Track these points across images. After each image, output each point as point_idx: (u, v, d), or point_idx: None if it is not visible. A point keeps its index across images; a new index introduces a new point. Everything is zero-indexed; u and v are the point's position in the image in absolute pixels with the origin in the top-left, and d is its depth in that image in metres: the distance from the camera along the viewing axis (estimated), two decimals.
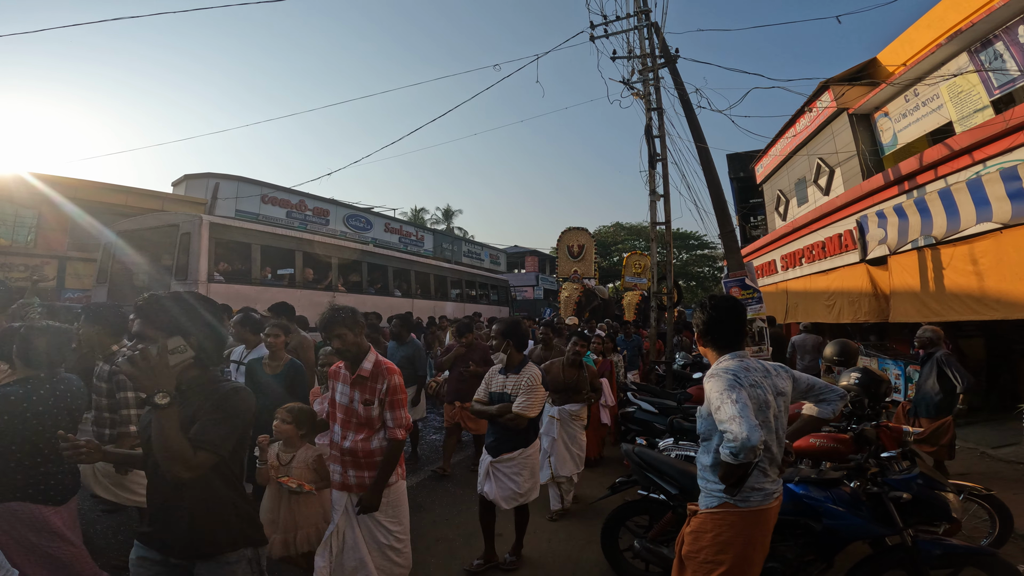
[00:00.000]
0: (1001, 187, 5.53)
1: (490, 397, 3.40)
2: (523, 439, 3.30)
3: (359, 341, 2.68)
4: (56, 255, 13.45)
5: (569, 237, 19.63)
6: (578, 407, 4.60)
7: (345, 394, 2.67)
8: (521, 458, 3.28)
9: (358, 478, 2.60)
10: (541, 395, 3.22)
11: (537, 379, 3.23)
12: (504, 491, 3.27)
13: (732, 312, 2.18)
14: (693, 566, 2.09)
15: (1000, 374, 8.16)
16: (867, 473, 2.70)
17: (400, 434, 2.59)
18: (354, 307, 2.75)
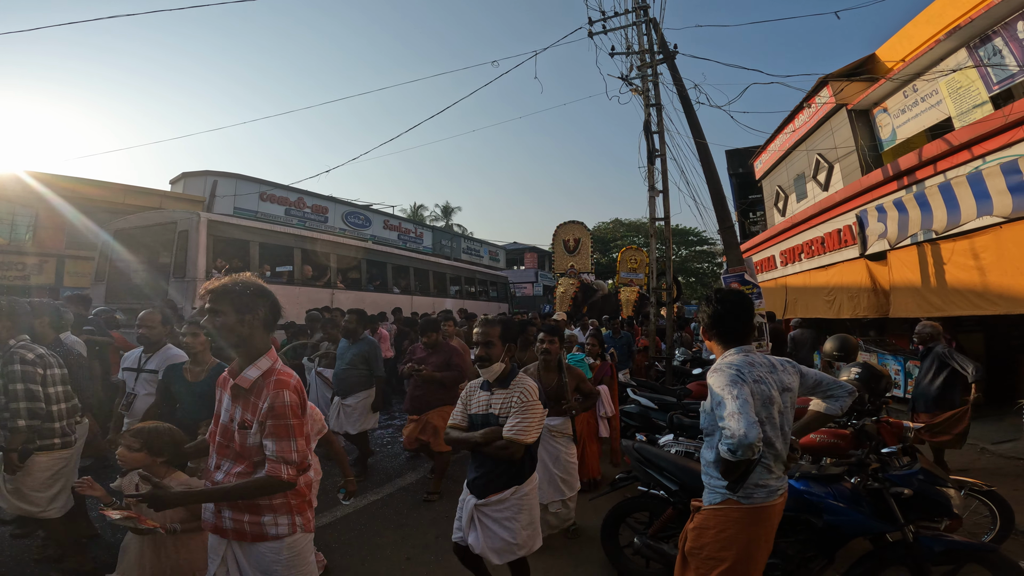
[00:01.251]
0: (1002, 180, 5.52)
1: (470, 421, 2.58)
2: (518, 473, 2.49)
3: (246, 332, 1.90)
4: (53, 254, 13.41)
5: (564, 231, 19.05)
6: (559, 420, 3.79)
7: (227, 410, 1.96)
8: (515, 498, 2.46)
9: (235, 521, 1.86)
10: (539, 413, 2.47)
11: (533, 393, 2.47)
12: (495, 542, 2.45)
13: (738, 306, 2.16)
14: (696, 562, 2.08)
15: (999, 369, 8.17)
16: (868, 469, 2.70)
17: (284, 472, 1.79)
18: (268, 290, 2.01)
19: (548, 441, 3.75)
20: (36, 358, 2.98)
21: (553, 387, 3.78)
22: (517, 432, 2.39)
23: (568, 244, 18.79)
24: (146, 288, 8.54)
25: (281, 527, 1.87)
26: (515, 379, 2.56)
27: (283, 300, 7.47)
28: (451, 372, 4.74)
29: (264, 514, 1.86)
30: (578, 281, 16.63)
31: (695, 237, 35.25)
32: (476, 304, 16.21)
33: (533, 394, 2.49)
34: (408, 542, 3.74)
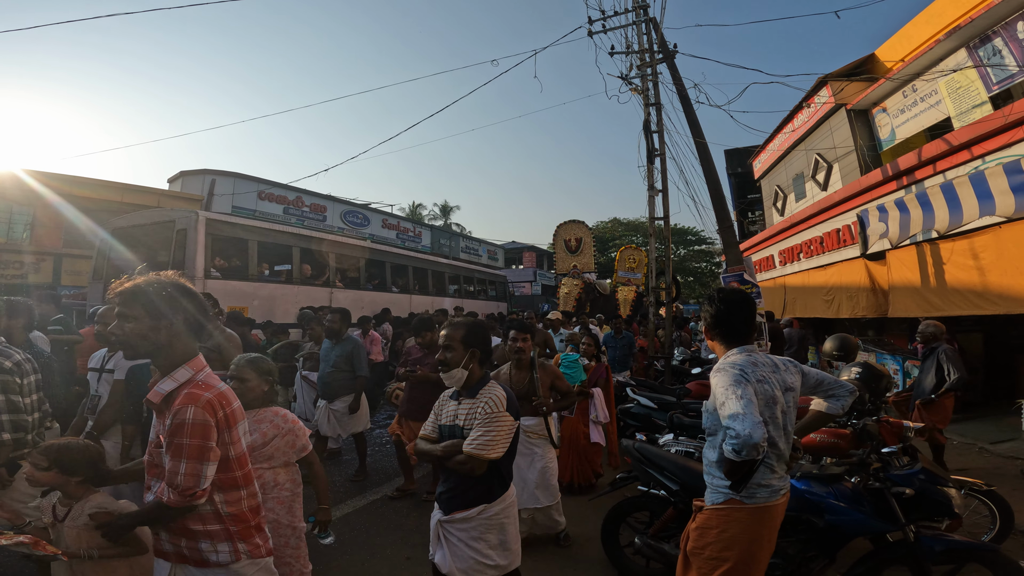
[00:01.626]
0: (1004, 180, 5.52)
1: (439, 432, 2.35)
2: (485, 491, 2.20)
3: (163, 340, 1.69)
4: (51, 252, 13.38)
5: (565, 231, 18.80)
6: (533, 421, 3.56)
7: (155, 426, 1.79)
8: (482, 518, 2.18)
9: (174, 545, 1.73)
10: (506, 426, 2.15)
11: (500, 403, 2.17)
12: (463, 561, 2.20)
13: (741, 305, 2.15)
14: (698, 562, 2.07)
15: (998, 369, 8.19)
16: (869, 468, 2.70)
17: (166, 496, 1.60)
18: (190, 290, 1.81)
19: (522, 444, 3.44)
20: (13, 366, 2.80)
21: (524, 386, 3.56)
22: (477, 447, 2.10)
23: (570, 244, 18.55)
24: None
25: (222, 554, 1.72)
26: (484, 387, 2.26)
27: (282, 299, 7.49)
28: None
29: (200, 540, 1.71)
30: (582, 281, 16.57)
31: (694, 236, 35.27)
32: (475, 303, 16.19)
33: (499, 405, 2.16)
34: (408, 541, 3.74)
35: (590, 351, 5.33)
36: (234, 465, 1.76)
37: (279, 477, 2.56)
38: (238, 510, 1.77)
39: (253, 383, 2.52)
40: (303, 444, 2.60)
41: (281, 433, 2.52)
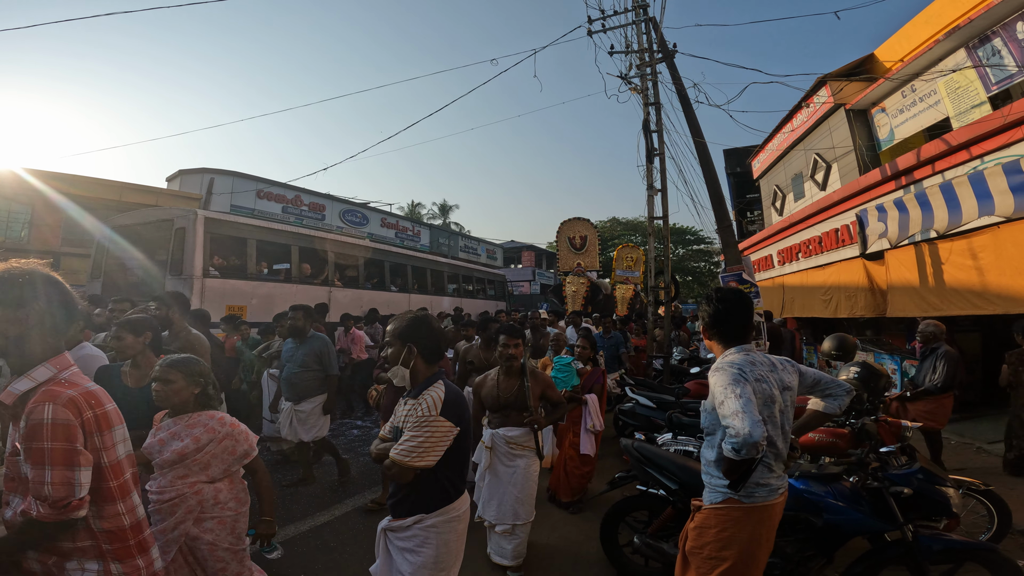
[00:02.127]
0: (1003, 180, 5.53)
1: (394, 433, 2.17)
2: (422, 500, 2.00)
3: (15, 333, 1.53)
4: (50, 251, 13.35)
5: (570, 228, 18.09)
6: (518, 432, 3.28)
7: (11, 435, 1.64)
8: (418, 528, 1.99)
9: (41, 563, 1.55)
10: (439, 433, 1.93)
11: (434, 406, 1.95)
12: (394, 574, 2.05)
13: (739, 305, 2.16)
14: (697, 562, 2.08)
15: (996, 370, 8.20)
16: (867, 468, 2.70)
17: (35, 510, 1.45)
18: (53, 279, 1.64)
19: (504, 456, 3.27)
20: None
21: (512, 394, 3.29)
22: (401, 452, 1.90)
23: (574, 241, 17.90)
24: (143, 285, 8.51)
25: (88, 574, 1.53)
26: (429, 387, 2.04)
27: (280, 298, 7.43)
28: None
29: (70, 558, 1.53)
30: (587, 280, 16.48)
31: (692, 236, 35.29)
32: (473, 302, 16.20)
33: (434, 407, 1.94)
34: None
35: (585, 354, 4.95)
36: (108, 474, 1.57)
37: (221, 495, 2.27)
38: (115, 526, 1.59)
39: (179, 386, 2.28)
40: (245, 450, 2.34)
41: (217, 438, 2.26)
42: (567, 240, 18.21)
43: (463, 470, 2.10)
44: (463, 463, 2.08)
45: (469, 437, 2.12)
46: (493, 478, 3.28)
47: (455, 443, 1.98)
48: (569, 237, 18.18)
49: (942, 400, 4.82)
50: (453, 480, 2.05)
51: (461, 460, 2.06)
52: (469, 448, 2.11)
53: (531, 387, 3.31)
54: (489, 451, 3.32)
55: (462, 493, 2.10)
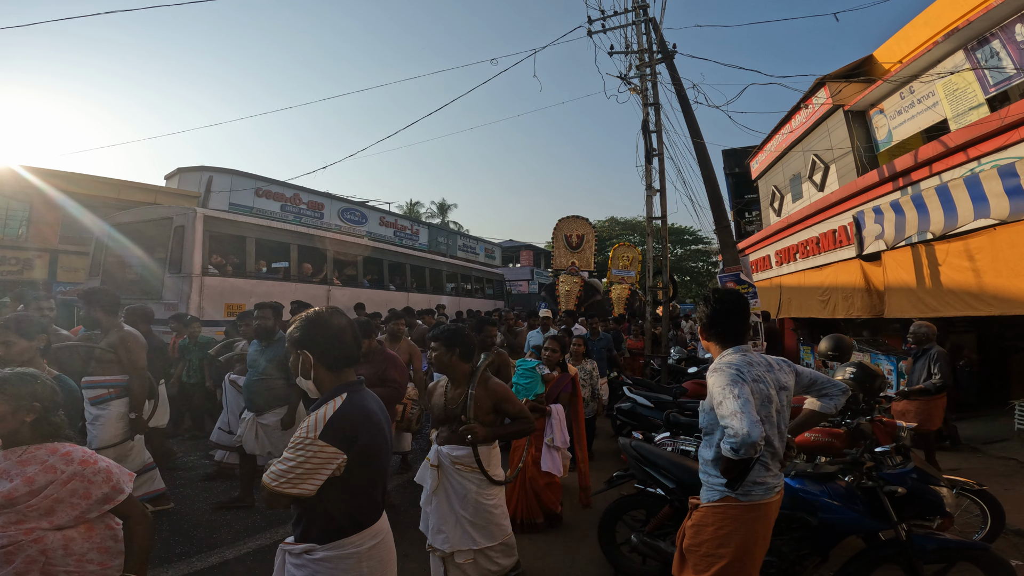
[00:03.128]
0: (999, 184, 5.56)
1: None
2: (313, 530, 1.72)
3: None
4: (48, 248, 13.32)
5: (566, 226, 17.76)
6: (463, 452, 2.73)
7: None
8: (307, 559, 1.71)
9: None
10: (316, 459, 1.61)
11: (314, 427, 1.64)
12: None
13: (736, 306, 2.18)
14: (694, 559, 2.10)
15: (992, 370, 8.25)
16: (862, 467, 2.73)
17: None
18: None
19: (452, 475, 2.76)
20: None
21: (459, 404, 2.77)
22: (271, 475, 1.63)
23: (571, 240, 17.65)
24: (141, 283, 8.51)
25: None
26: (324, 403, 1.72)
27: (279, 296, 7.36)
28: (385, 388, 3.81)
29: None
30: (581, 279, 16.32)
31: (691, 236, 35.36)
32: (472, 301, 16.20)
33: (313, 429, 1.63)
34: (405, 539, 3.67)
35: (554, 358, 4.32)
36: None
37: (74, 544, 1.82)
38: None
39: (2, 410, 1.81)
40: (106, 493, 1.86)
41: (60, 479, 1.80)
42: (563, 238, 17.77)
43: (365, 502, 1.78)
44: (365, 494, 1.76)
45: (373, 465, 1.76)
46: (442, 501, 2.74)
47: (348, 472, 1.66)
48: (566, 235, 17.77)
49: (935, 401, 4.85)
50: (349, 513, 1.73)
51: (361, 491, 1.74)
52: (377, 477, 1.80)
53: (477, 396, 2.71)
54: (436, 470, 2.76)
55: (365, 527, 1.76)
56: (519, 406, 2.87)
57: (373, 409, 1.81)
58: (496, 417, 2.80)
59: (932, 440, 4.98)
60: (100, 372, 3.77)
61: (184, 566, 3.39)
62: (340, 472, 1.64)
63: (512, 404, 2.84)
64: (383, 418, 1.86)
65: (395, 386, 3.94)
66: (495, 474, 2.80)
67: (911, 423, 3.98)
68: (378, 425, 1.79)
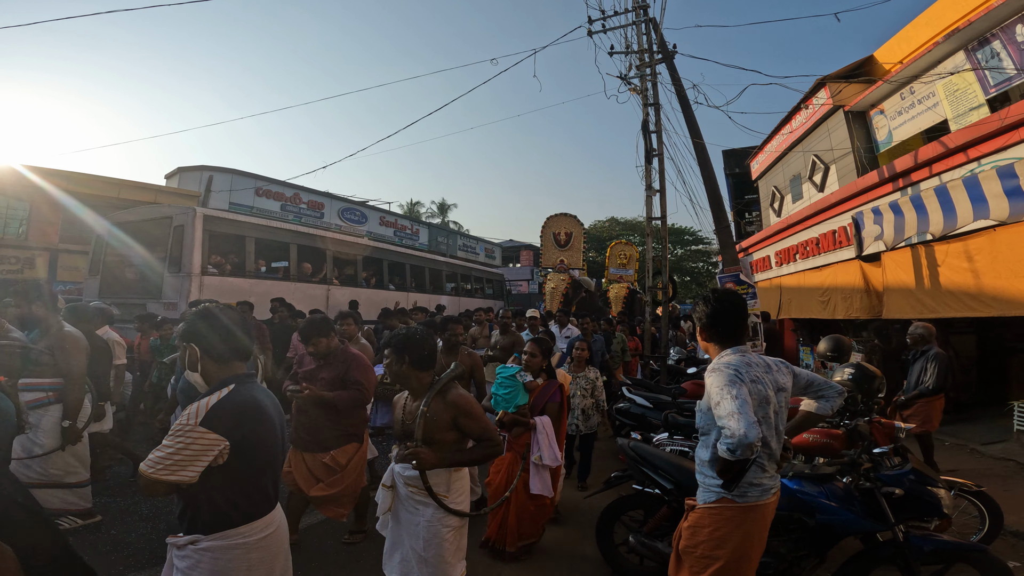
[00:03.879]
0: (998, 185, 5.56)
1: None
2: (198, 520, 1.71)
3: None
4: (48, 247, 13.34)
5: (555, 224, 17.66)
6: (415, 474, 2.28)
7: None
8: (192, 550, 1.69)
9: None
10: (196, 445, 1.60)
11: (194, 414, 1.64)
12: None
13: (735, 306, 2.17)
14: (690, 561, 2.10)
15: (991, 371, 8.25)
16: (860, 469, 2.72)
17: None
18: None
19: (406, 501, 2.39)
20: None
21: (413, 420, 2.36)
22: (148, 463, 1.60)
23: (559, 237, 17.53)
24: (141, 283, 8.52)
25: None
26: (210, 394, 1.75)
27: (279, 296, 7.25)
28: (348, 391, 3.46)
29: None
30: (568, 277, 16.20)
31: (691, 236, 35.34)
32: (472, 301, 16.19)
33: (195, 416, 1.63)
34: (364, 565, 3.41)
35: (535, 363, 3.75)
36: None
37: None
38: None
39: None
40: None
41: None
42: (551, 236, 17.52)
43: (253, 492, 1.77)
44: (252, 484, 1.75)
45: (259, 455, 1.76)
46: (395, 525, 2.45)
47: (233, 460, 1.66)
48: (554, 233, 17.54)
49: (933, 402, 4.85)
50: (236, 502, 1.72)
51: (248, 480, 1.74)
52: (265, 467, 1.79)
53: (433, 411, 2.31)
54: (390, 492, 2.44)
55: (255, 518, 1.76)
56: (483, 425, 2.38)
57: (262, 401, 1.83)
58: (457, 435, 2.36)
59: (930, 441, 4.98)
60: (37, 375, 3.39)
61: None
62: (223, 460, 1.64)
63: (474, 421, 2.35)
64: (274, 411, 1.88)
65: (359, 388, 3.48)
66: (456, 503, 2.35)
67: (910, 424, 3.98)
68: (266, 416, 1.80)
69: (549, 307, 14.20)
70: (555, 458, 3.51)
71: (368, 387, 3.57)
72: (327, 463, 3.41)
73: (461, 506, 2.40)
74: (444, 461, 2.29)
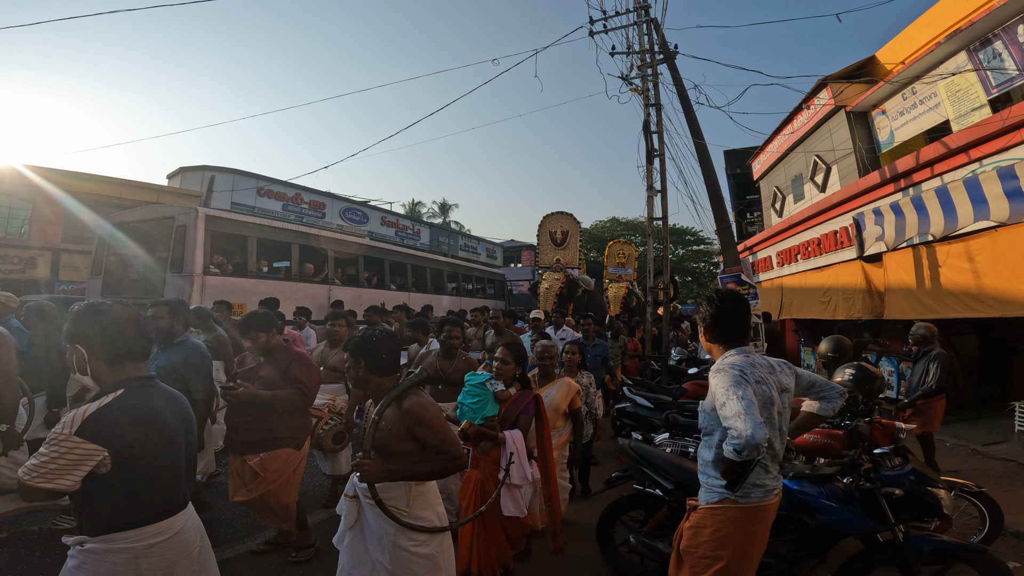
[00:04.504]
0: (998, 186, 5.56)
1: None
2: (87, 522, 1.68)
3: None
4: (50, 247, 13.38)
5: (551, 222, 17.44)
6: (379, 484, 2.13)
7: None
8: (77, 550, 1.68)
9: None
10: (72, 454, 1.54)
11: (73, 423, 1.57)
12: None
13: (739, 307, 2.17)
14: (691, 561, 2.10)
15: (992, 372, 8.24)
16: (860, 469, 2.73)
17: None
18: None
19: (370, 509, 2.23)
20: None
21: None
22: (25, 469, 1.56)
23: (555, 236, 17.30)
24: (143, 282, 8.54)
25: None
26: (96, 399, 1.69)
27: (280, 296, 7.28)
28: (288, 389, 3.21)
29: None
30: (564, 276, 16.07)
31: (692, 237, 35.30)
32: (473, 301, 16.21)
33: (70, 425, 1.56)
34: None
35: (507, 371, 3.34)
36: None
37: None
38: None
39: None
40: None
41: None
42: (548, 235, 17.36)
43: (144, 500, 1.71)
44: (142, 492, 1.69)
45: (148, 464, 1.69)
46: (357, 539, 2.29)
47: (117, 469, 1.60)
48: (550, 231, 17.38)
49: (934, 402, 4.85)
50: (122, 508, 1.67)
51: (137, 488, 1.67)
52: (157, 476, 1.72)
53: (388, 419, 2.18)
54: (354, 503, 2.30)
55: (143, 524, 1.70)
56: (442, 437, 2.19)
57: (155, 407, 1.74)
58: (416, 446, 2.18)
59: (931, 442, 4.98)
60: None
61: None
62: (106, 469, 1.58)
63: (431, 431, 2.17)
64: (174, 415, 1.81)
65: (299, 387, 3.23)
66: (418, 517, 2.19)
67: (911, 424, 3.98)
68: (160, 422, 1.72)
69: (543, 307, 13.99)
70: (525, 477, 3.10)
71: (310, 387, 3.33)
72: (254, 466, 3.20)
73: (425, 522, 2.20)
74: (394, 474, 2.12)
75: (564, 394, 3.74)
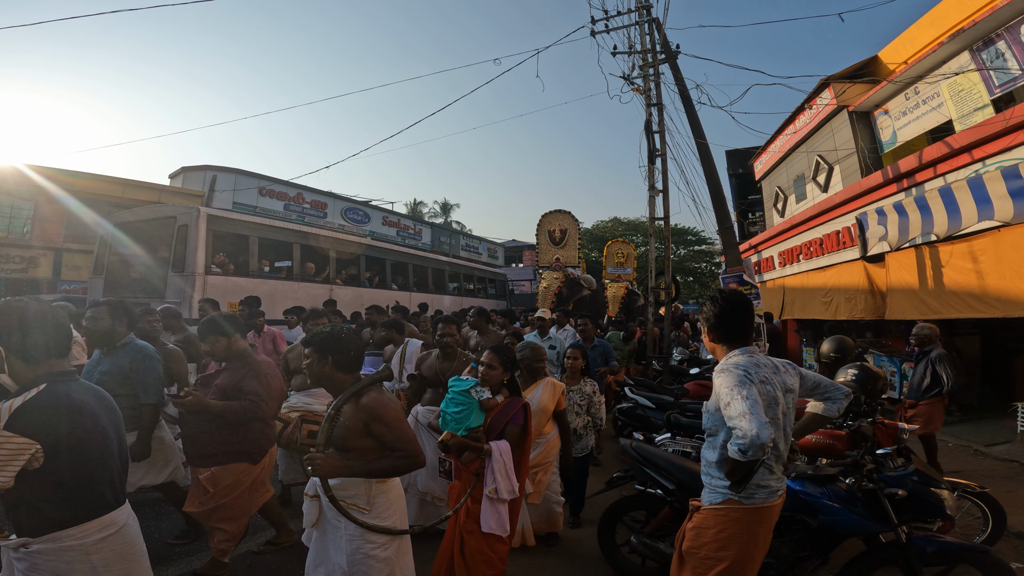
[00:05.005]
0: (1002, 185, 5.54)
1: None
2: (24, 523, 1.68)
3: None
4: (52, 247, 13.41)
5: (550, 221, 17.29)
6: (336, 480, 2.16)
7: None
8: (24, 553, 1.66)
9: None
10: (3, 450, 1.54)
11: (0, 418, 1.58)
12: None
13: (742, 307, 2.17)
14: (694, 562, 2.09)
15: (995, 372, 8.22)
16: (863, 469, 2.72)
17: None
18: None
19: (331, 511, 2.15)
20: None
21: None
22: None
23: (554, 235, 17.13)
24: (145, 282, 8.56)
25: None
26: (19, 395, 1.69)
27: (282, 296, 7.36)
28: (238, 402, 3.02)
29: None
30: (563, 275, 15.96)
31: (694, 237, 35.28)
32: (475, 301, 16.22)
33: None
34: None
35: (494, 377, 3.07)
36: None
37: None
38: None
39: None
40: None
41: None
42: (547, 233, 17.22)
43: (83, 494, 1.70)
44: (80, 486, 1.68)
45: (83, 456, 1.68)
46: (320, 537, 2.26)
47: (51, 463, 1.59)
48: (549, 230, 17.23)
49: (936, 403, 4.85)
50: (61, 504, 1.66)
51: (74, 482, 1.67)
52: (94, 468, 1.71)
53: (345, 415, 2.14)
54: (315, 502, 2.26)
55: (88, 520, 1.69)
56: (399, 434, 2.15)
57: (82, 400, 1.73)
58: (374, 443, 2.14)
59: (933, 442, 4.97)
60: None
61: (183, 564, 3.36)
62: (39, 463, 1.57)
63: (387, 428, 2.12)
64: (102, 409, 1.79)
65: (252, 400, 3.03)
66: (379, 516, 2.15)
67: (913, 425, 3.98)
68: (87, 415, 1.71)
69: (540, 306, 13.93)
70: (512, 491, 2.87)
71: (266, 400, 3.10)
72: (203, 481, 3.06)
73: (387, 522, 2.15)
74: (347, 470, 2.08)
75: (550, 395, 3.63)
